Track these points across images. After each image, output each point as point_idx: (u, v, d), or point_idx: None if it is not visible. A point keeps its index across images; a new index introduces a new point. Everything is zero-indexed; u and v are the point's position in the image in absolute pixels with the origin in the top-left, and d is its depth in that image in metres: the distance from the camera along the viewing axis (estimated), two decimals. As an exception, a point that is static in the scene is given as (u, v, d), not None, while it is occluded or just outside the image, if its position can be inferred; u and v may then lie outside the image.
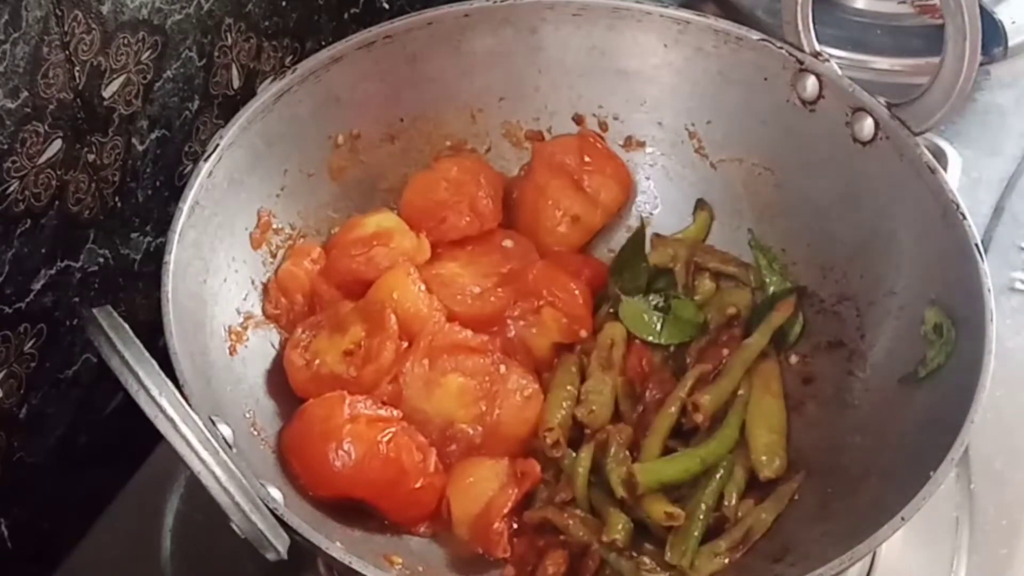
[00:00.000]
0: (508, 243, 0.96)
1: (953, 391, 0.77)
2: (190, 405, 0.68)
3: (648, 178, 1.00)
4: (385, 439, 0.82)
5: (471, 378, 0.86)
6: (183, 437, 0.66)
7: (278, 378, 0.88)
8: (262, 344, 0.89)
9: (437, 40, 0.95)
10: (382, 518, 0.83)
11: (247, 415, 0.84)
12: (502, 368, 0.87)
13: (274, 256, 0.92)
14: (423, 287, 0.90)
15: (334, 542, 0.71)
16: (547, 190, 0.97)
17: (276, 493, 0.71)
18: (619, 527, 0.81)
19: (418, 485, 0.83)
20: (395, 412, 0.84)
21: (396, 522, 0.83)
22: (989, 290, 0.78)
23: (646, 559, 0.81)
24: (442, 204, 0.95)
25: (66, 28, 0.76)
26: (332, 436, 0.81)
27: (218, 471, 0.66)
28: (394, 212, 0.96)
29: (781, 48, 0.91)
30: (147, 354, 0.68)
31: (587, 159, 0.98)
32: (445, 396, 0.86)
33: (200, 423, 0.67)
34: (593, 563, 0.81)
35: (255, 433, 0.83)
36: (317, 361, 0.87)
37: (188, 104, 0.91)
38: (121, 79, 0.83)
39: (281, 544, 0.68)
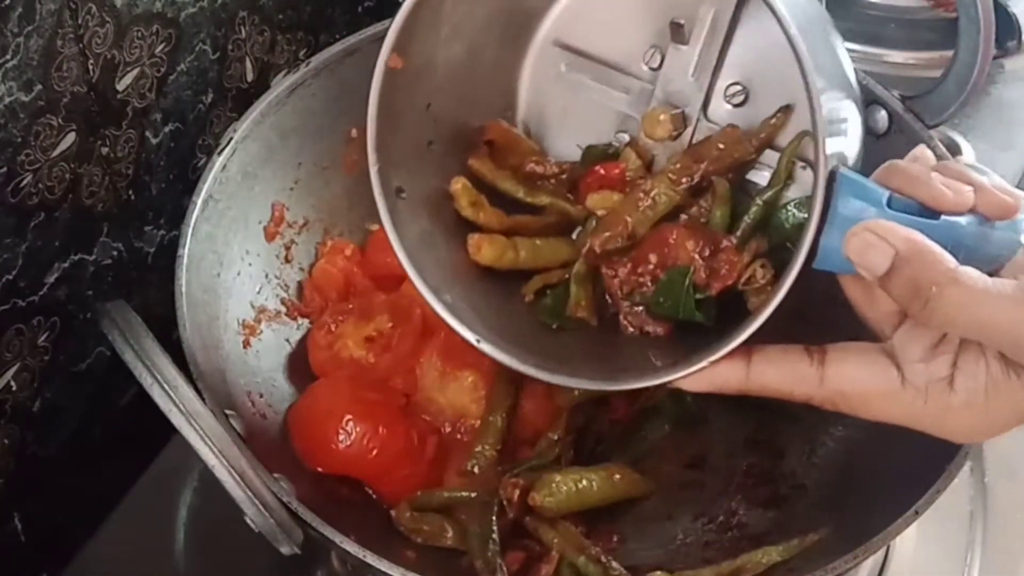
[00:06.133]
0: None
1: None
2: (204, 399, 0.68)
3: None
4: (386, 422, 0.82)
5: (487, 376, 0.86)
6: (197, 431, 0.66)
7: (292, 371, 0.89)
8: (275, 337, 0.89)
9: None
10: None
11: (261, 409, 0.84)
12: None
13: (287, 249, 0.92)
14: None
15: (348, 536, 0.71)
16: None
17: (290, 487, 0.71)
18: None
19: (415, 472, 0.83)
20: (401, 399, 0.85)
21: (391, 506, 0.83)
22: None
23: (615, 564, 0.79)
24: None
25: (80, 21, 0.76)
26: (335, 414, 0.82)
27: (232, 465, 0.66)
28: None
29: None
30: (161, 348, 0.68)
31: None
32: (459, 390, 0.86)
33: (214, 417, 0.67)
34: (549, 566, 0.79)
35: (268, 427, 0.83)
36: (339, 343, 0.88)
37: (202, 97, 0.91)
38: (135, 72, 0.83)
39: (295, 538, 0.68)
